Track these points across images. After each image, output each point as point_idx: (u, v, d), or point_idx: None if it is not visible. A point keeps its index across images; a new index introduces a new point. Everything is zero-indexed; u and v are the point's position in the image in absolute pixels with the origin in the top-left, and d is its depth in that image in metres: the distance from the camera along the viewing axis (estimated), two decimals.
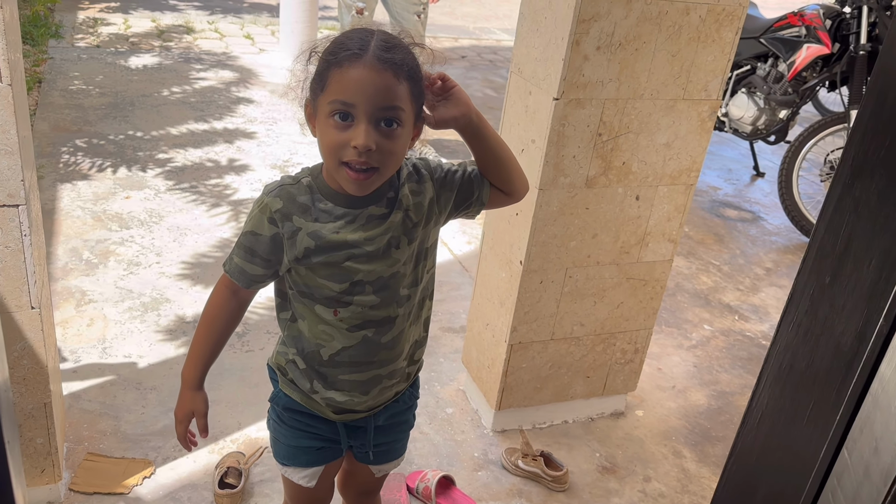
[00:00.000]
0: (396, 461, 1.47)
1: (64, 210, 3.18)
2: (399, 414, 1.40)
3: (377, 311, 1.22)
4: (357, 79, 1.06)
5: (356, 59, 1.06)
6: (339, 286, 1.20)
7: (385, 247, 1.19)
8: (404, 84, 1.09)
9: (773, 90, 4.12)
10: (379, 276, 1.20)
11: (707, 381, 2.67)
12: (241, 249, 1.20)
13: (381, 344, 1.25)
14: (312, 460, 1.37)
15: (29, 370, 1.66)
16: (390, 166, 1.13)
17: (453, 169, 1.27)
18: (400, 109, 1.09)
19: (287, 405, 1.34)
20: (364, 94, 1.06)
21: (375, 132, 1.08)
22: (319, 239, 1.17)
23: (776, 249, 3.84)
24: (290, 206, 1.17)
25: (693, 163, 2.06)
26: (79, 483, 1.87)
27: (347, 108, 1.07)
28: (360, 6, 3.75)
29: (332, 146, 1.09)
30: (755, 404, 1.12)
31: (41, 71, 4.77)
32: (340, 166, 1.10)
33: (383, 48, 1.07)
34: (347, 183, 1.12)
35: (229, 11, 7.18)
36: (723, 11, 1.86)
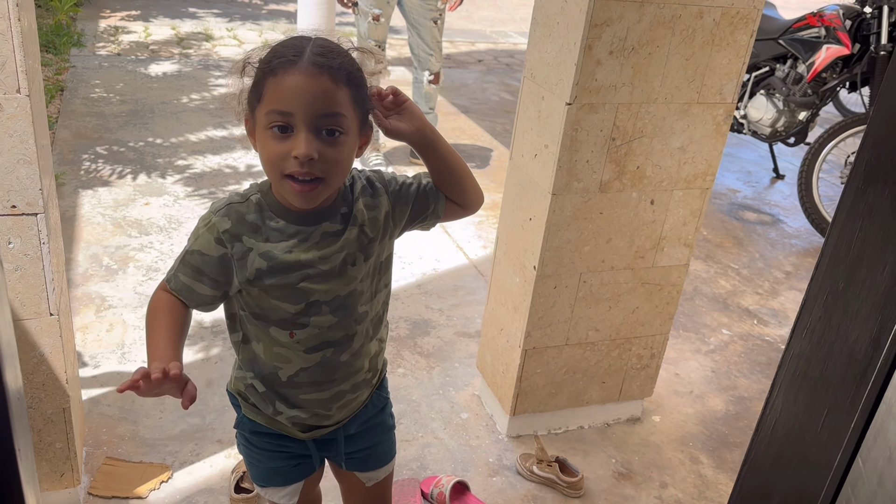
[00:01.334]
0: (386, 466, 1.43)
1: (85, 216, 3.22)
2: (371, 419, 1.36)
3: (335, 331, 1.19)
4: (293, 86, 1.02)
5: (291, 65, 1.02)
6: (295, 307, 1.15)
7: (341, 265, 1.16)
8: (344, 89, 1.05)
9: (792, 91, 4.08)
10: (336, 296, 1.17)
11: (725, 387, 2.65)
12: (188, 268, 1.14)
13: (341, 362, 1.22)
14: (289, 478, 1.35)
15: (48, 376, 1.69)
16: (336, 176, 1.08)
17: (408, 182, 1.24)
18: (341, 116, 1.05)
19: (253, 429, 1.31)
20: (301, 102, 1.02)
21: (317, 141, 1.03)
22: (272, 259, 1.12)
23: (796, 252, 3.80)
24: (238, 226, 1.12)
25: (708, 166, 2.04)
26: (97, 487, 1.89)
27: (285, 117, 1.03)
28: (377, 12, 3.77)
29: (272, 158, 1.05)
30: (769, 411, 1.11)
31: (63, 79, 4.84)
32: (284, 179, 1.05)
33: (319, 53, 1.03)
34: (293, 196, 1.07)
35: (248, 18, 7.24)
36: (737, 14, 1.84)
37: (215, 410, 2.19)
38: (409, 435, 2.22)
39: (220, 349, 2.46)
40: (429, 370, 2.52)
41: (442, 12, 3.86)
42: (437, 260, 3.24)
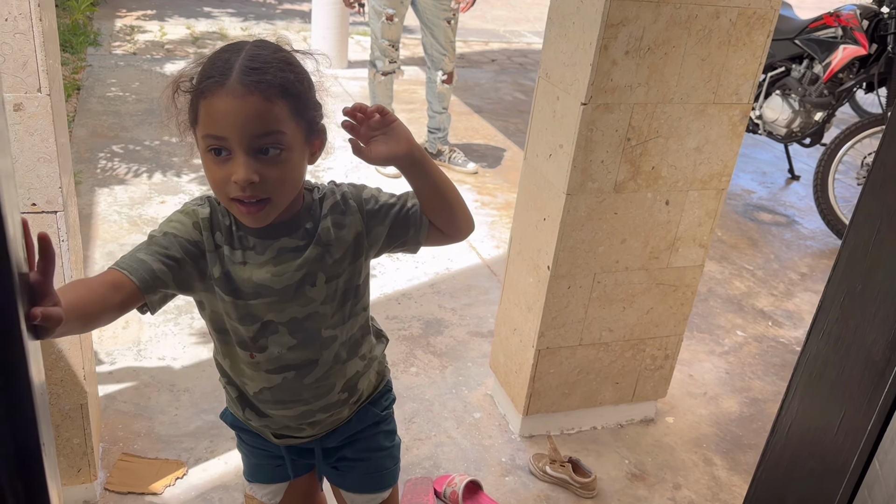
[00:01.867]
0: (374, 494, 1.34)
1: (101, 214, 3.25)
2: (357, 434, 1.30)
3: (296, 354, 1.15)
4: (223, 110, 0.96)
5: (219, 87, 0.96)
6: (251, 328, 1.12)
7: (297, 284, 1.10)
8: (279, 103, 0.98)
9: (808, 92, 4.06)
10: (292, 317, 1.12)
11: (739, 388, 2.64)
12: (152, 245, 1.06)
13: (305, 384, 1.18)
14: (272, 477, 1.34)
15: (66, 372, 1.70)
16: (284, 193, 1.03)
17: (390, 202, 1.16)
18: (279, 133, 0.99)
19: (234, 423, 1.31)
20: (233, 125, 0.96)
21: (256, 162, 0.98)
22: (231, 265, 1.09)
23: (811, 254, 3.78)
24: (215, 220, 1.09)
25: (724, 167, 2.03)
26: (114, 483, 1.91)
27: (220, 141, 0.98)
28: (390, 12, 3.78)
29: (215, 183, 1.01)
30: (785, 413, 1.10)
31: (80, 78, 4.88)
32: (231, 202, 1.01)
33: (246, 70, 0.97)
34: (241, 217, 1.03)
35: (262, 18, 7.28)
36: (754, 14, 1.84)
37: None
38: (421, 434, 2.23)
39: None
40: (441, 369, 2.52)
41: (456, 12, 3.87)
42: (449, 259, 3.25)
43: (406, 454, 2.13)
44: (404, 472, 2.06)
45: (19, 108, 1.41)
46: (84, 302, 0.94)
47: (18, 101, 1.40)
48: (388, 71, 3.97)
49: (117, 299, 0.99)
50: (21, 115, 1.42)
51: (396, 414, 2.23)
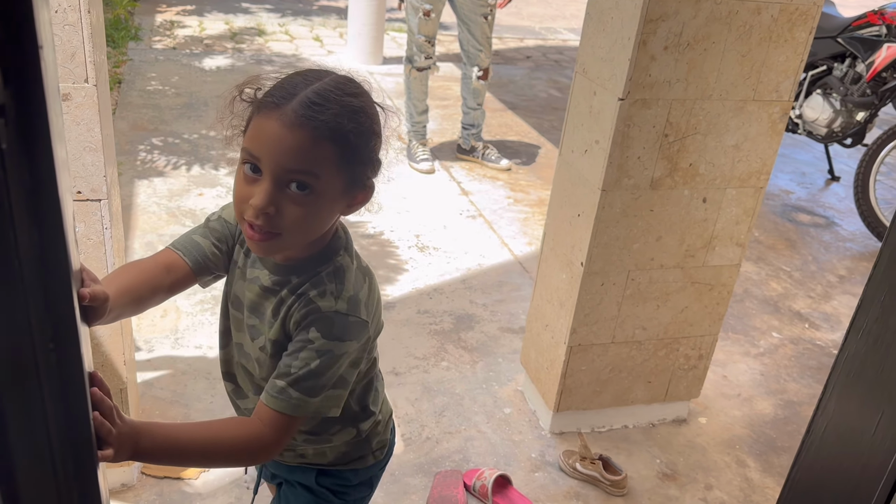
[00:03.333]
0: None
1: (141, 205, 3.31)
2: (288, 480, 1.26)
3: (237, 377, 1.15)
4: (268, 132, 0.93)
5: (273, 109, 0.93)
6: (223, 322, 1.14)
7: (250, 327, 1.08)
8: (325, 147, 0.93)
9: (850, 91, 3.98)
10: (240, 343, 1.11)
11: (774, 390, 2.61)
12: (206, 228, 1.10)
13: (238, 406, 1.19)
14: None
15: (107, 357, 1.75)
16: (297, 235, 0.97)
17: (285, 366, 0.99)
18: (312, 175, 0.93)
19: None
20: (270, 151, 0.93)
21: (280, 194, 0.93)
22: (234, 264, 1.11)
23: (850, 256, 3.71)
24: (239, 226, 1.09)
25: (763, 165, 2.01)
26: (150, 467, 1.95)
27: (254, 160, 0.95)
28: (427, 8, 3.79)
29: (237, 198, 0.98)
30: (821, 413, 1.09)
31: (121, 72, 4.98)
32: (242, 222, 0.97)
33: (306, 104, 0.92)
34: (248, 241, 0.99)
35: (299, 14, 7.34)
36: (796, 11, 1.81)
37: None
38: (451, 427, 2.24)
39: None
40: (472, 364, 2.53)
41: (493, 8, 3.86)
42: (481, 255, 3.25)
43: (436, 447, 2.15)
44: (434, 464, 2.08)
45: (67, 98, 1.44)
46: (135, 283, 0.96)
47: (66, 92, 1.44)
48: (423, 67, 3.98)
49: (169, 280, 1.01)
50: (69, 105, 1.46)
51: (426, 407, 2.27)
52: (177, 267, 1.03)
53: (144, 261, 1.02)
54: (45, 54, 0.48)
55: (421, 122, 4.13)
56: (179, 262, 1.03)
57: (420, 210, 3.58)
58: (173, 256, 1.04)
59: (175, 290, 1.04)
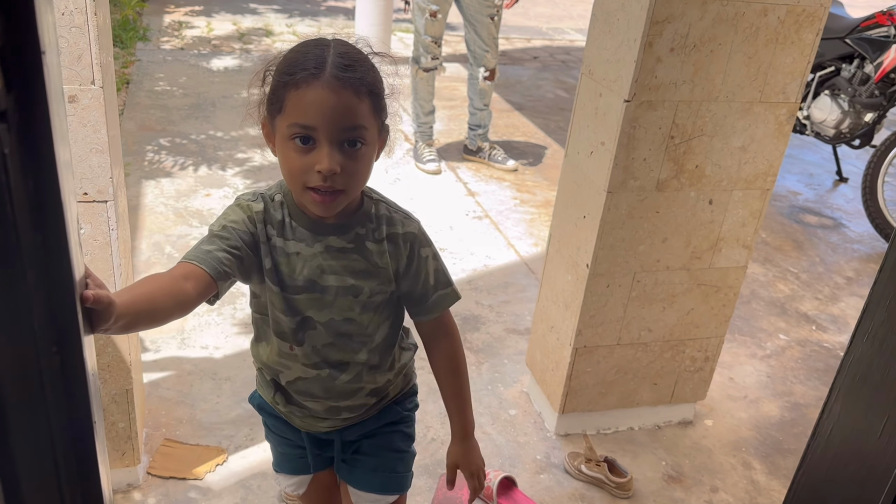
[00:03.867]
0: (380, 496, 1.33)
1: (148, 206, 3.32)
2: (376, 430, 1.32)
3: (331, 353, 1.19)
4: (316, 101, 1.01)
5: (313, 79, 1.01)
6: (292, 321, 1.16)
7: (342, 290, 1.15)
8: (365, 101, 1.04)
9: (858, 92, 3.96)
10: (331, 318, 1.16)
11: (781, 392, 2.60)
12: (213, 237, 1.09)
13: (336, 384, 1.21)
14: (296, 468, 1.36)
15: (113, 358, 1.75)
16: (356, 186, 1.09)
17: (429, 280, 1.21)
18: (363, 128, 1.05)
19: (261, 405, 1.34)
20: (324, 117, 1.01)
21: (339, 154, 1.03)
22: (284, 256, 1.13)
23: (858, 258, 3.69)
24: (268, 215, 1.13)
25: (770, 167, 2.00)
26: (156, 467, 1.96)
27: (308, 131, 1.02)
28: (434, 9, 3.79)
29: (294, 171, 1.05)
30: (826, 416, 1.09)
31: (129, 72, 5.00)
32: (305, 191, 1.06)
33: (341, 66, 1.02)
34: (313, 205, 1.07)
35: (307, 15, 7.36)
36: (803, 12, 1.80)
37: None
38: None
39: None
40: (478, 366, 2.53)
41: (499, 8, 3.86)
42: (488, 256, 3.25)
43: (441, 449, 2.15)
44: (439, 466, 2.08)
45: (74, 100, 1.45)
46: (150, 291, 0.96)
47: (73, 93, 1.45)
48: (430, 67, 3.98)
49: (190, 287, 1.01)
50: (75, 107, 1.46)
51: (431, 408, 2.26)
52: (195, 275, 1.03)
53: (162, 274, 1.03)
54: (48, 59, 0.49)
55: (427, 122, 4.14)
56: (197, 271, 1.04)
57: (426, 211, 3.58)
58: (189, 267, 1.04)
59: (199, 299, 1.04)
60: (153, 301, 0.95)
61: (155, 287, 0.97)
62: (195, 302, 1.03)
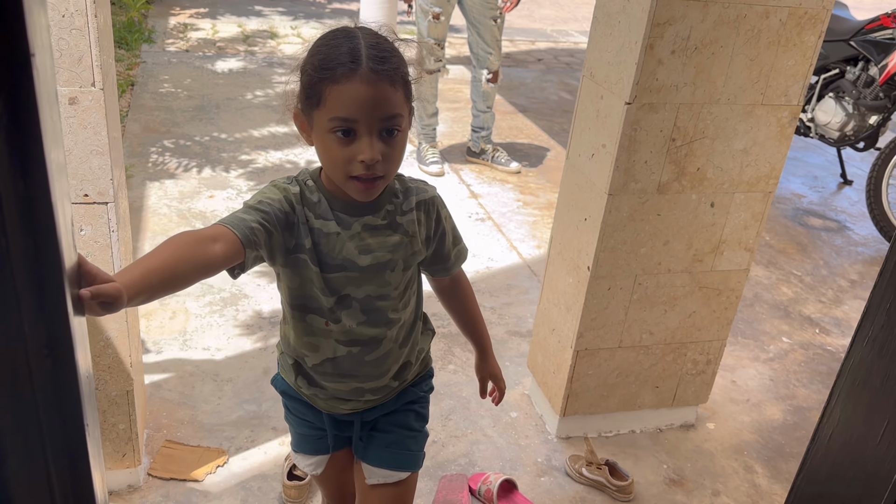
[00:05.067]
0: (392, 472, 1.35)
1: (151, 207, 3.33)
2: (395, 412, 1.36)
3: (364, 330, 1.23)
4: (355, 95, 1.05)
5: (351, 73, 1.05)
6: (330, 299, 1.19)
7: (380, 266, 1.19)
8: (400, 90, 1.10)
9: (862, 95, 3.95)
10: (367, 295, 1.20)
11: (783, 396, 2.59)
12: (249, 208, 1.11)
13: (366, 361, 1.25)
14: (315, 448, 1.39)
15: (113, 359, 1.76)
16: (394, 171, 1.15)
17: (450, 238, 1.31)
18: (400, 116, 1.10)
19: (283, 388, 1.37)
20: (364, 110, 1.06)
21: (380, 143, 1.08)
22: (321, 237, 1.16)
23: (862, 261, 3.68)
24: (305, 197, 1.17)
25: (772, 170, 2.00)
26: (157, 469, 1.96)
27: (349, 124, 1.07)
28: (437, 11, 3.79)
29: (338, 162, 1.09)
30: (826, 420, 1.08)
31: (134, 74, 5.01)
32: (349, 180, 1.11)
33: (376, 59, 1.06)
34: (357, 192, 1.12)
35: (312, 17, 7.37)
36: (805, 15, 1.80)
37: (271, 399, 2.24)
38: (458, 431, 2.24)
39: (278, 339, 2.51)
40: None
41: (502, 10, 3.86)
42: (490, 258, 3.25)
43: (442, 451, 2.15)
44: (440, 468, 2.08)
45: (74, 102, 1.45)
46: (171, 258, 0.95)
47: (73, 95, 1.45)
48: (433, 70, 3.98)
49: (218, 249, 1.01)
50: (75, 109, 1.47)
51: (433, 410, 2.25)
52: (226, 237, 1.03)
53: (189, 233, 1.01)
54: (39, 61, 0.48)
55: (431, 124, 4.14)
56: (229, 234, 1.03)
57: None
58: (221, 229, 1.04)
59: (225, 262, 1.03)
60: (170, 269, 0.94)
61: (175, 253, 0.96)
62: (221, 265, 1.03)
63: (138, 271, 0.89)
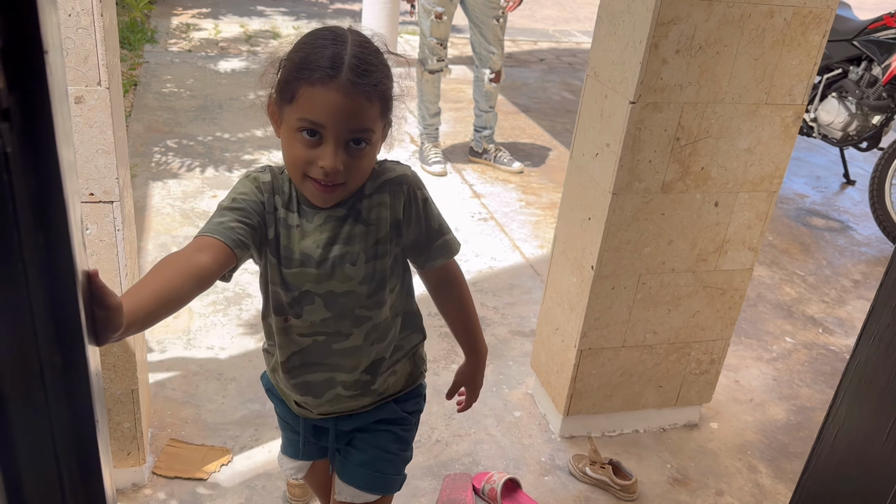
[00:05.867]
0: (363, 493, 1.31)
1: (155, 207, 3.33)
2: (370, 426, 1.31)
3: (328, 325, 1.19)
4: (328, 101, 1.03)
5: (329, 80, 1.03)
6: (289, 294, 1.17)
7: (337, 260, 1.15)
8: (376, 105, 1.07)
9: (865, 95, 3.95)
10: (329, 290, 1.16)
11: (787, 396, 2.58)
12: (226, 212, 1.10)
13: (334, 350, 1.21)
14: (297, 453, 1.39)
15: (119, 358, 1.76)
16: (356, 180, 1.12)
17: (433, 226, 1.21)
18: (370, 131, 1.07)
19: (268, 386, 1.37)
20: (334, 117, 1.04)
21: (344, 153, 1.06)
22: (284, 230, 1.14)
23: (865, 261, 3.68)
24: (276, 185, 1.15)
25: (776, 169, 2.00)
26: (161, 467, 1.96)
27: (316, 126, 1.05)
28: (439, 10, 3.79)
29: (298, 161, 1.07)
30: (832, 419, 1.08)
31: (137, 74, 5.02)
32: (306, 179, 1.09)
33: (357, 71, 1.04)
34: (312, 195, 1.11)
35: (314, 17, 7.37)
36: (809, 14, 1.80)
37: None
38: (461, 430, 2.24)
39: None
40: None
41: (505, 10, 3.86)
42: (493, 258, 3.25)
43: (445, 450, 2.15)
44: (443, 467, 2.08)
45: (80, 101, 1.46)
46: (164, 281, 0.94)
47: (79, 94, 1.45)
48: (435, 69, 3.98)
49: (206, 259, 1.00)
50: (81, 108, 1.47)
51: (436, 409, 2.26)
52: (211, 246, 1.03)
53: (174, 254, 1.01)
54: (52, 58, 0.49)
55: (433, 124, 4.14)
56: (212, 242, 1.04)
57: None
58: (204, 239, 1.04)
59: (218, 270, 1.03)
60: (166, 292, 0.93)
61: (166, 276, 0.96)
62: (215, 274, 1.02)
63: (133, 296, 0.89)
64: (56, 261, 0.53)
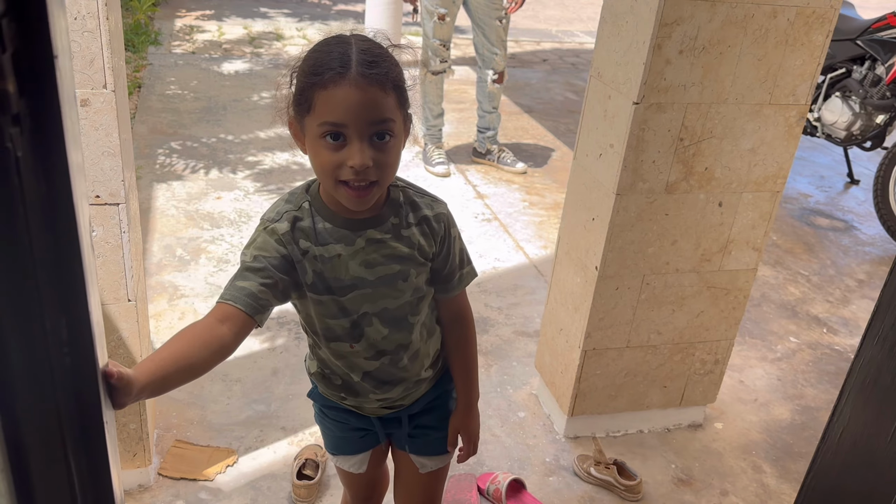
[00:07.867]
0: (441, 457, 1.42)
1: (159, 209, 3.34)
2: (436, 399, 1.38)
3: (389, 340, 1.23)
4: (344, 99, 1.04)
5: (340, 78, 1.04)
6: (346, 321, 1.19)
7: (391, 277, 1.18)
8: (391, 95, 1.08)
9: (869, 94, 3.94)
10: (384, 308, 1.20)
11: (791, 395, 2.58)
12: (249, 273, 1.11)
13: (400, 367, 1.27)
14: (357, 448, 1.41)
15: (124, 358, 1.77)
16: (388, 177, 1.12)
17: (455, 257, 1.27)
18: (391, 121, 1.08)
19: (324, 403, 1.38)
20: (353, 114, 1.04)
21: (370, 148, 1.06)
22: (324, 263, 1.15)
23: (869, 260, 3.67)
24: (296, 231, 1.15)
25: (780, 169, 2.00)
26: (167, 468, 1.97)
27: (338, 128, 1.05)
28: (442, 12, 3.80)
29: (327, 167, 1.08)
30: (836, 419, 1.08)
31: (141, 76, 5.03)
32: (339, 185, 1.09)
33: (366, 63, 1.05)
34: (348, 200, 1.10)
35: (317, 18, 7.38)
36: (812, 14, 1.80)
37: (280, 399, 2.25)
38: None
39: (286, 339, 2.52)
40: (487, 368, 2.53)
41: (507, 11, 3.87)
42: (497, 259, 3.25)
43: None
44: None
45: (86, 104, 1.46)
46: (183, 349, 0.99)
47: (85, 97, 1.46)
48: (438, 70, 3.99)
49: (226, 330, 1.04)
50: (87, 111, 1.48)
51: None
52: (231, 316, 1.06)
53: (197, 324, 1.05)
54: (61, 63, 0.49)
55: (436, 125, 4.14)
56: (233, 311, 1.07)
57: None
58: (225, 308, 1.07)
59: (236, 339, 1.07)
60: (184, 360, 0.98)
61: (186, 343, 1.00)
62: (234, 344, 1.06)
63: (151, 362, 0.93)
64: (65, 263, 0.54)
